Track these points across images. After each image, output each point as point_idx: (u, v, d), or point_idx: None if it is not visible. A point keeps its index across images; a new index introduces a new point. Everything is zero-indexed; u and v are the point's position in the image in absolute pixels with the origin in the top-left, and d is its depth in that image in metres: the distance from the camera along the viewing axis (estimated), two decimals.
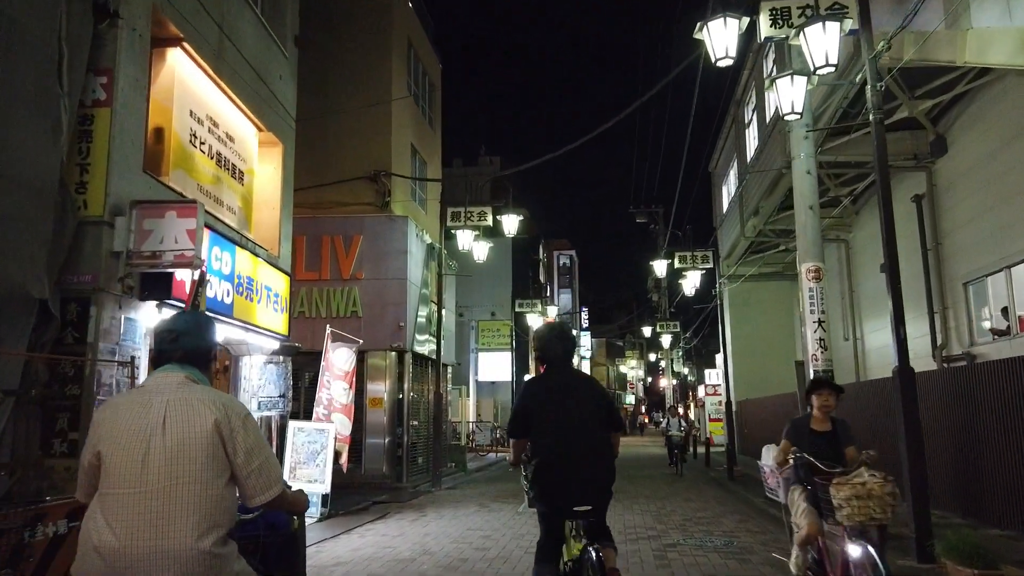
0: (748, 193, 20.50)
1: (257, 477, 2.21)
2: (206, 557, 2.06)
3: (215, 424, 2.16)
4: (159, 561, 2.02)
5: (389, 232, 14.52)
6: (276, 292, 9.35)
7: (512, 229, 14.46)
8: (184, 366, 2.29)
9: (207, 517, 2.09)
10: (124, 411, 2.18)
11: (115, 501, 2.07)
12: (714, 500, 11.57)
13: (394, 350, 14.20)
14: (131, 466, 2.09)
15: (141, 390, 2.26)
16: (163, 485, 2.07)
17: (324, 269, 14.34)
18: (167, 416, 2.14)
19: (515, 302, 25.31)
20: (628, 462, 21.61)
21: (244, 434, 2.20)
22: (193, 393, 2.21)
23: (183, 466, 2.10)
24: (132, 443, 2.11)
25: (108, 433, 2.15)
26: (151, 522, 2.04)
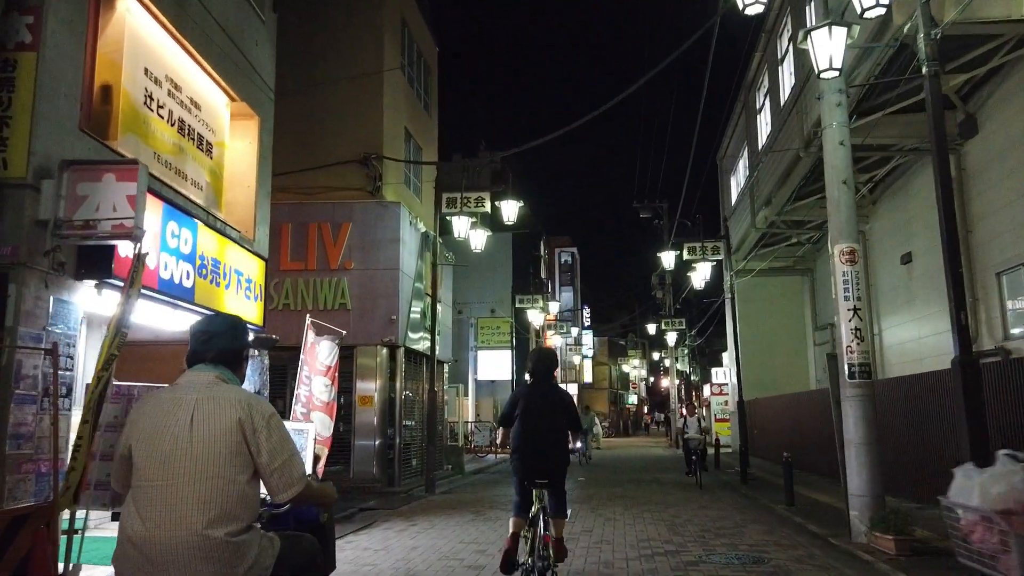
0: (759, 182, 19.56)
1: (280, 475, 2.32)
2: (222, 545, 2.19)
3: (239, 422, 2.29)
4: (180, 548, 2.17)
5: (380, 219, 13.60)
6: (249, 278, 8.43)
7: (511, 216, 13.54)
8: (216, 366, 2.43)
9: (225, 509, 2.22)
10: (156, 408, 2.33)
11: (144, 493, 2.23)
12: (732, 507, 10.64)
13: (385, 345, 13.27)
14: (159, 460, 2.24)
15: (174, 388, 2.39)
16: (186, 478, 2.21)
17: (310, 259, 13.41)
18: (195, 413, 2.28)
19: (515, 298, 24.36)
20: (633, 464, 20.65)
21: (267, 433, 2.32)
22: (221, 392, 2.35)
23: (206, 461, 2.23)
24: (161, 438, 2.26)
25: (140, 429, 2.31)
26: (174, 513, 2.19)
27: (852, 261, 8.00)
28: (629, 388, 61.45)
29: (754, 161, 20.15)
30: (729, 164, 24.86)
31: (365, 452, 12.91)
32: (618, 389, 57.56)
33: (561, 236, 50.83)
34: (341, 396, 13.68)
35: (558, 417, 5.25)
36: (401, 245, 13.62)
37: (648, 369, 65.28)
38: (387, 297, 13.39)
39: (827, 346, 22.83)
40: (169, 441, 2.26)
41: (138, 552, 2.20)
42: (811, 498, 11.37)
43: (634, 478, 15.74)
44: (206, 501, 2.21)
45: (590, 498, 11.83)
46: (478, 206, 13.34)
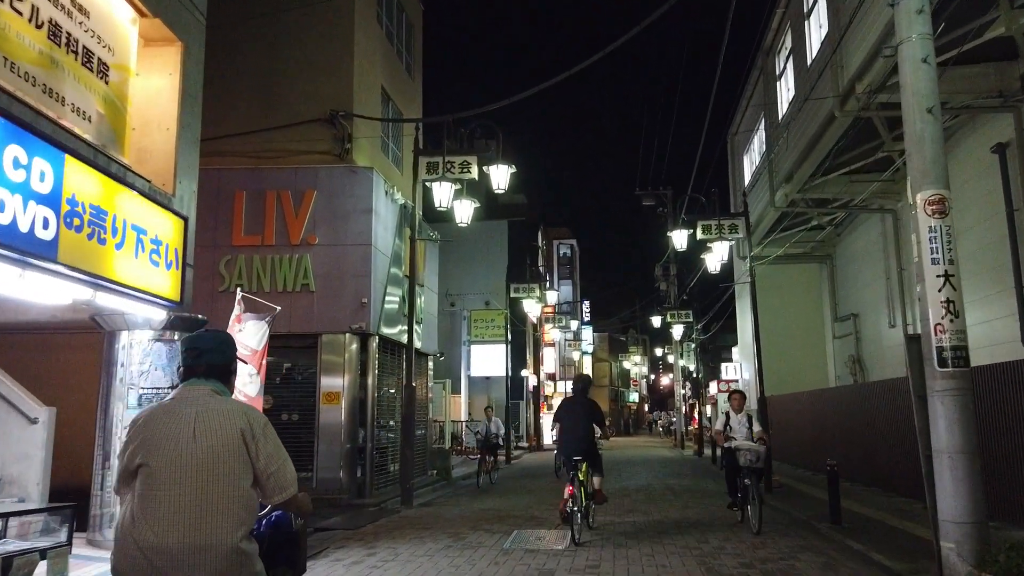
0: (779, 157, 17.67)
1: (276, 479, 2.47)
2: (235, 552, 2.31)
3: (240, 432, 2.42)
4: (193, 555, 2.26)
5: (350, 187, 11.71)
6: (157, 238, 6.54)
7: (502, 183, 11.64)
8: (208, 379, 2.54)
9: (236, 515, 2.34)
10: (159, 420, 2.43)
11: (153, 502, 2.31)
12: (768, 527, 8.77)
13: (355, 333, 11.39)
14: (166, 470, 2.33)
15: (173, 401, 2.51)
16: (195, 487, 2.32)
17: (268, 232, 11.53)
18: (196, 425, 2.39)
19: (509, 286, 22.48)
20: (639, 469, 18.76)
21: (264, 440, 2.47)
22: (219, 404, 2.48)
23: (213, 470, 2.34)
24: (167, 449, 2.35)
25: (145, 440, 2.40)
26: (185, 520, 2.28)
27: (941, 212, 6.12)
28: (630, 385, 59.58)
29: (773, 133, 18.27)
30: (742, 142, 22.97)
31: (330, 457, 11.03)
32: (619, 387, 55.69)
33: (560, 228, 49.00)
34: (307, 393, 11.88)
35: (587, 419, 8.41)
36: (374, 217, 11.73)
37: (649, 366, 63.46)
38: (357, 277, 11.51)
39: (849, 339, 20.99)
40: (175, 453, 2.36)
41: (146, 560, 2.27)
42: (853, 512, 9.52)
43: (643, 487, 13.87)
44: (220, 509, 2.32)
45: None
46: (463, 172, 11.45)
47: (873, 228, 18.46)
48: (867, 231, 19.04)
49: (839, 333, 21.92)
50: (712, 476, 16.38)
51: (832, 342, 22.65)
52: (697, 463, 20.72)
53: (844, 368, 21.11)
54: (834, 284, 22.28)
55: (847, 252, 21.12)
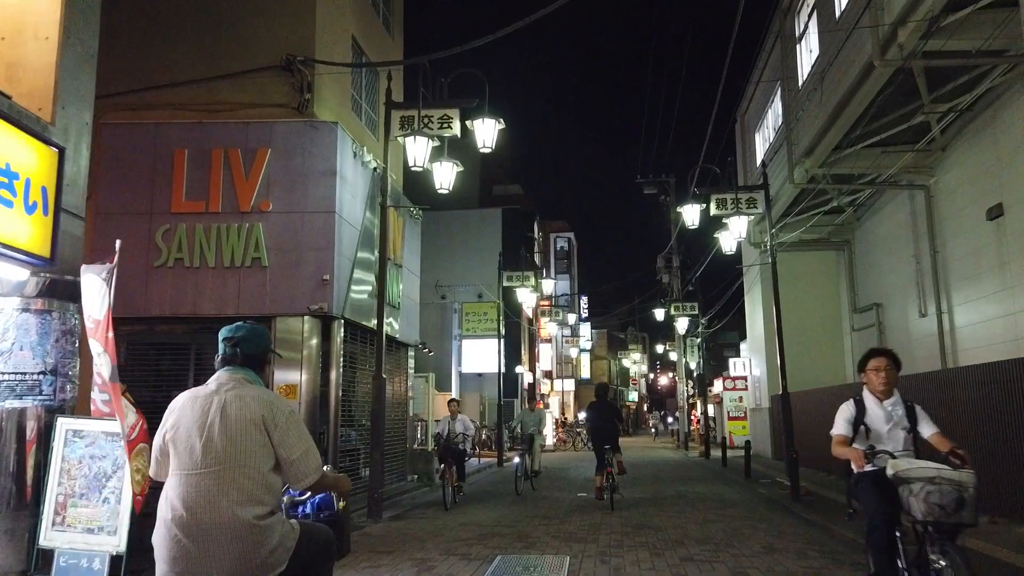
0: (799, 128, 16.01)
1: (299, 465, 2.62)
2: (249, 526, 2.47)
3: (262, 419, 2.58)
4: (214, 530, 2.44)
5: (310, 144, 10.01)
6: (14, 170, 4.83)
7: (488, 140, 9.93)
8: (241, 368, 2.74)
9: (252, 495, 2.51)
10: (190, 405, 2.62)
11: (181, 480, 2.52)
12: (811, 547, 7.08)
13: (315, 316, 9.69)
14: (194, 452, 2.53)
15: (206, 387, 2.68)
16: (217, 468, 2.50)
17: (213, 197, 9.82)
18: (223, 411, 2.57)
19: (502, 275, 20.79)
20: (644, 472, 17.06)
21: (286, 428, 2.61)
22: (247, 392, 2.64)
23: (234, 454, 2.53)
24: (195, 433, 2.55)
25: (175, 424, 2.60)
26: (207, 498, 2.46)
27: None
28: (629, 384, 57.88)
29: (792, 103, 16.60)
30: (754, 118, 21.31)
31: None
32: (618, 385, 53.98)
33: (557, 220, 47.38)
34: None
35: (611, 417, 11.32)
36: (338, 181, 10.03)
37: (649, 364, 61.81)
38: (318, 250, 9.81)
39: (870, 331, 19.32)
40: (203, 436, 2.52)
41: (175, 531, 2.45)
42: None
43: (652, 494, 12.19)
44: (236, 489, 2.48)
45: (596, 530, 8.28)
46: (443, 127, 9.76)
47: (900, 208, 16.78)
48: (893, 212, 17.37)
49: (859, 325, 20.24)
50: (724, 481, 14.71)
51: (850, 335, 21.00)
52: (705, 466, 19.06)
53: None
54: (853, 272, 20.62)
55: (868, 237, 19.45)
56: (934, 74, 12.02)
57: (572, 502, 11.03)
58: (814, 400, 17.48)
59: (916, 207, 15.97)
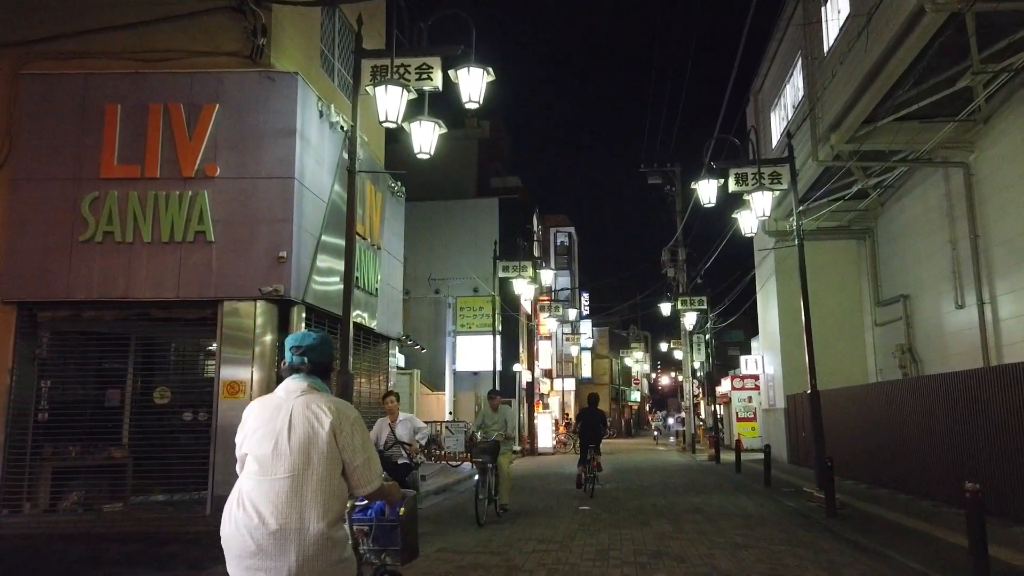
0: (824, 101, 14.51)
1: (362, 472, 2.67)
2: (322, 538, 2.48)
3: (331, 426, 2.59)
4: (284, 538, 2.47)
5: (265, 99, 8.52)
6: None
7: (475, 94, 8.39)
8: (309, 376, 2.74)
9: (323, 504, 2.52)
10: (262, 412, 2.67)
11: (254, 486, 2.54)
12: None
13: (269, 299, 8.20)
14: (265, 458, 2.55)
15: (275, 396, 2.72)
16: (289, 475, 2.52)
17: (150, 160, 8.32)
18: (293, 419, 2.59)
19: (497, 264, 19.29)
20: (651, 480, 15.53)
21: (352, 435, 2.64)
22: (314, 399, 2.66)
23: (305, 461, 2.55)
24: (267, 439, 2.58)
25: (250, 430, 2.65)
26: (279, 506, 2.49)
27: None
28: (631, 384, 56.37)
29: (815, 72, 15.10)
30: (770, 95, 19.80)
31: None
32: (619, 384, 52.46)
33: (557, 215, 45.90)
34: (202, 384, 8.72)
35: (596, 422, 12.90)
36: (299, 142, 8.53)
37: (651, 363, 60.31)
38: (274, 223, 8.32)
39: (896, 325, 17.82)
40: (273, 443, 2.56)
41: (250, 534, 2.48)
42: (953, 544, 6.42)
43: (665, 507, 10.70)
44: (307, 496, 2.50)
45: (603, 559, 6.78)
46: (422, 78, 8.29)
47: (932, 190, 15.28)
48: (923, 195, 15.87)
49: (882, 319, 18.77)
50: (743, 489, 13.20)
51: (872, 330, 19.52)
52: (717, 472, 17.55)
53: (889, 359, 17.96)
54: (876, 262, 19.13)
55: (894, 224, 17.95)
56: (986, 27, 10.56)
57: (560, 514, 9.51)
58: (836, 400, 16.04)
59: (952, 187, 14.48)
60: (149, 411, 8.64)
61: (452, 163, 32.79)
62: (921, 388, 11.48)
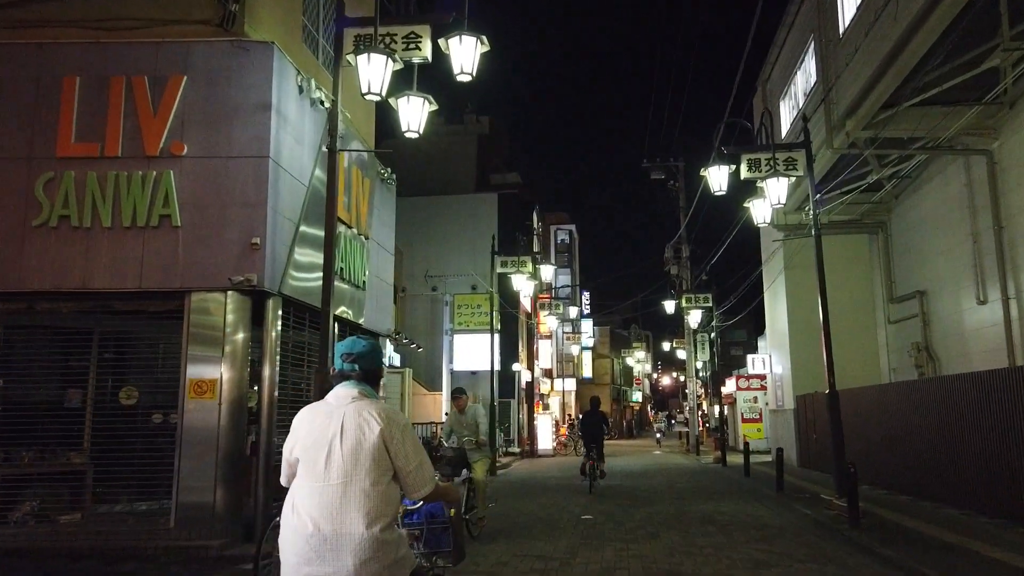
0: (839, 85, 13.77)
1: (415, 476, 2.70)
2: (375, 542, 2.53)
3: (380, 433, 2.63)
4: (339, 542, 2.51)
5: (238, 72, 7.79)
6: None
7: (467, 65, 7.66)
8: (359, 383, 2.78)
9: (375, 508, 2.56)
10: (313, 419, 2.69)
11: (306, 492, 2.59)
12: None
13: (241, 290, 7.46)
14: (318, 465, 2.59)
15: (326, 403, 2.74)
16: (341, 481, 2.57)
17: (111, 138, 7.59)
18: (344, 425, 2.63)
19: (495, 259, 18.55)
20: (656, 484, 14.78)
21: (403, 441, 2.68)
22: (365, 406, 2.69)
23: (356, 466, 2.59)
24: (319, 446, 2.61)
25: (301, 437, 2.68)
26: (332, 510, 2.54)
27: None
28: (633, 384, 55.60)
29: (830, 55, 14.35)
30: (779, 84, 19.05)
31: (199, 479, 7.08)
32: (621, 384, 51.69)
33: (558, 212, 45.21)
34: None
35: (598, 423, 13.75)
36: (275, 118, 7.80)
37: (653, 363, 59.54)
38: (247, 206, 7.58)
39: (911, 323, 17.07)
40: (325, 449, 2.59)
41: (302, 542, 2.53)
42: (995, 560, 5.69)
43: (673, 516, 9.96)
44: (360, 502, 2.55)
45: None
46: (410, 48, 7.57)
47: (952, 180, 14.55)
48: (942, 186, 15.14)
49: (896, 316, 18.02)
50: (754, 495, 12.47)
51: (885, 328, 18.78)
52: (724, 476, 16.80)
53: (904, 359, 17.22)
54: (890, 257, 18.39)
55: (909, 217, 17.21)
56: (1019, 1, 9.83)
57: (561, 524, 8.77)
58: (851, 401, 15.31)
59: (974, 177, 13.74)
60: (114, 413, 7.90)
61: (450, 159, 32.10)
62: (947, 388, 10.74)
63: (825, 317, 11.00)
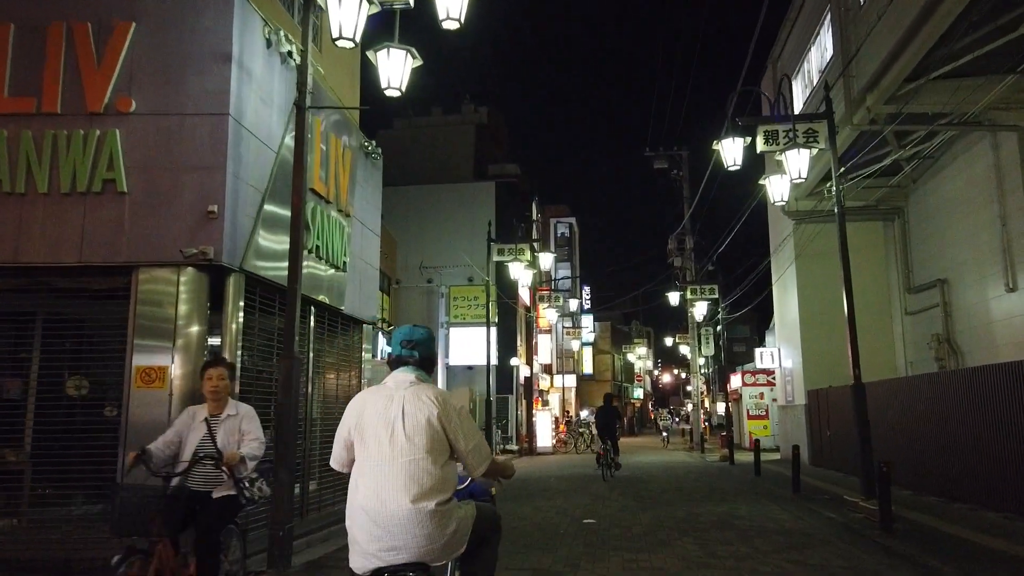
0: (861, 57, 12.82)
1: (474, 455, 2.93)
2: (437, 515, 2.76)
3: (438, 416, 2.84)
4: (401, 514, 2.72)
5: (194, 17, 6.86)
6: None
7: (453, 10, 6.72)
8: (417, 369, 3.01)
9: (432, 485, 2.77)
10: (373, 402, 2.91)
11: (370, 470, 2.81)
12: None
13: (197, 265, 6.53)
14: (380, 445, 2.81)
15: (385, 387, 2.97)
16: (403, 460, 2.78)
17: (48, 93, 6.66)
18: (404, 408, 2.84)
19: (491, 247, 17.63)
20: (664, 485, 13.87)
21: (460, 423, 2.88)
22: (423, 391, 2.91)
23: (415, 446, 2.80)
24: (380, 428, 2.83)
25: (362, 419, 2.89)
26: (394, 487, 2.75)
27: None
28: (634, 380, 54.67)
29: (848, 24, 13.41)
30: (791, 61, 18.11)
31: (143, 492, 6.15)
32: (622, 381, 50.76)
33: (558, 205, 44.32)
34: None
35: (612, 418, 15.41)
36: (235, 71, 6.86)
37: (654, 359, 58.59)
38: (202, 170, 6.65)
39: (930, 314, 16.14)
40: (387, 430, 2.82)
41: (367, 517, 2.74)
42: None
43: (684, 520, 9.07)
44: (420, 479, 2.76)
45: None
46: None
47: (978, 160, 13.65)
48: (966, 167, 14.24)
49: (914, 307, 17.13)
50: (769, 495, 11.58)
51: (902, 320, 17.88)
52: (734, 475, 15.90)
53: (922, 351, 16.31)
54: (907, 245, 17.48)
55: (928, 201, 16.32)
56: None
57: (560, 530, 7.85)
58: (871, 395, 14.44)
59: (1002, 156, 12.84)
60: (60, 405, 6.98)
61: (447, 150, 31.13)
62: (980, 380, 9.82)
63: (850, 304, 10.13)
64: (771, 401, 24.79)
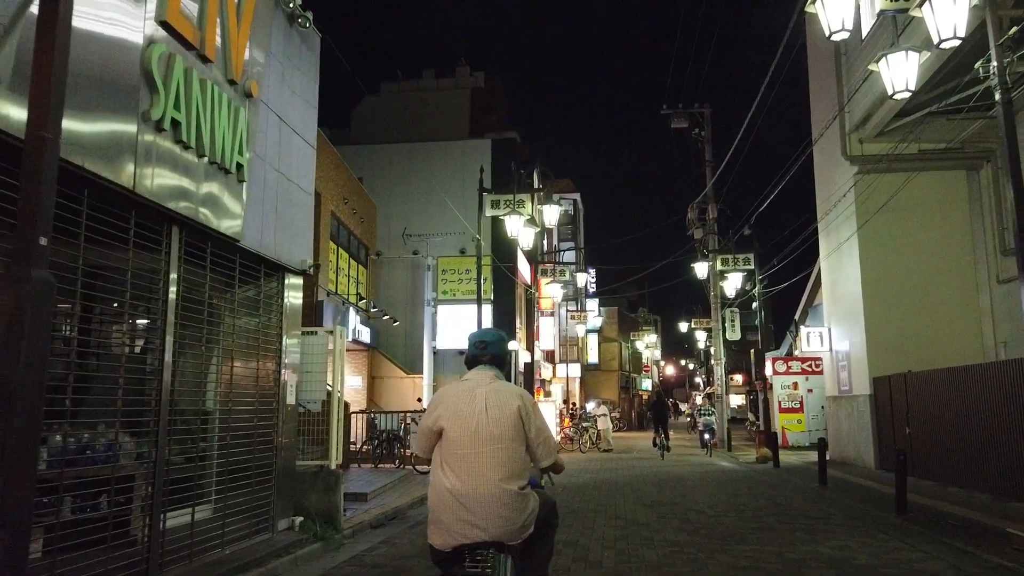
0: None
1: (543, 447, 3.22)
2: (514, 496, 3.04)
3: (518, 409, 3.15)
4: (485, 497, 3.01)
5: None
6: None
7: None
8: (491, 367, 3.32)
9: (513, 471, 3.08)
10: (457, 396, 3.19)
11: (457, 458, 3.07)
12: None
13: None
14: (467, 435, 3.08)
15: (466, 382, 3.26)
16: (487, 449, 3.06)
17: None
18: (487, 402, 3.13)
19: (482, 197, 14.20)
20: (679, 489, 10.40)
21: (535, 417, 3.19)
22: (502, 386, 3.23)
23: (498, 436, 3.08)
24: (467, 419, 3.10)
25: (448, 411, 3.15)
26: (480, 472, 3.03)
27: None
28: (642, 371, 51.27)
29: None
30: None
31: None
32: (629, 372, 47.35)
33: (562, 180, 40.81)
34: None
35: (664, 409, 20.89)
36: None
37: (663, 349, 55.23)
38: None
39: None
40: (473, 421, 3.09)
41: (453, 499, 3.01)
42: None
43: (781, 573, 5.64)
44: (502, 465, 3.05)
45: None
46: None
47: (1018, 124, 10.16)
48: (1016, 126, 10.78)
49: (1008, 274, 13.69)
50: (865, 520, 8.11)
51: (990, 290, 14.51)
52: (793, 485, 12.47)
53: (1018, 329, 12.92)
54: (1001, 197, 14.05)
55: None
56: None
57: None
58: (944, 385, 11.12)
59: None
60: None
61: (440, 115, 27.61)
62: None
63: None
64: (806, 392, 21.60)
